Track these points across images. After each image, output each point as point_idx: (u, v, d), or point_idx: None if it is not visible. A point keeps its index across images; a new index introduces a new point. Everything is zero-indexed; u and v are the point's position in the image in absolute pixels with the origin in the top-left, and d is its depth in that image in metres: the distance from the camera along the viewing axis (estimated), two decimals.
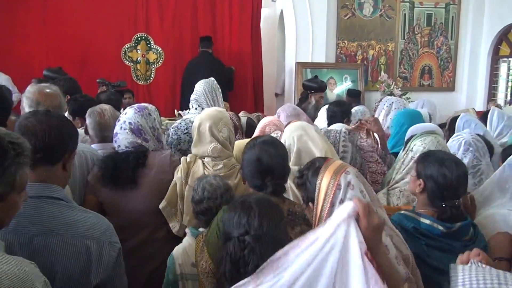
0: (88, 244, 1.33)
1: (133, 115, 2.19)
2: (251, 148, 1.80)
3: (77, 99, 3.06)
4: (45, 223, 1.31)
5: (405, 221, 1.77)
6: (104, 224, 1.43)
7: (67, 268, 1.29)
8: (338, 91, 6.58)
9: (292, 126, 2.26)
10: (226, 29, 6.68)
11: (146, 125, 2.22)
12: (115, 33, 6.37)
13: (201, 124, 2.24)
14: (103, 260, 1.35)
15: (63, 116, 1.60)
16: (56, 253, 1.29)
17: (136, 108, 2.25)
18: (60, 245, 1.30)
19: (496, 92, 6.86)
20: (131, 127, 2.17)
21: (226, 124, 2.26)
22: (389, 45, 6.78)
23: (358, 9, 6.60)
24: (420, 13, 6.80)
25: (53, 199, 1.37)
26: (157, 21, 6.48)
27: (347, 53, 6.68)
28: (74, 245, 1.31)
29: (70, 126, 1.51)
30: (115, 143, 2.18)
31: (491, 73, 6.83)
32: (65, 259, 1.29)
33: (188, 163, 2.21)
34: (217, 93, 3.19)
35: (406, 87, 6.75)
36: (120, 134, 2.16)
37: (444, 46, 6.91)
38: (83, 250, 1.32)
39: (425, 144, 2.29)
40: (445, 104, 6.09)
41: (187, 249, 1.90)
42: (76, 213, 1.38)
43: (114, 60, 6.43)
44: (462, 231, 1.73)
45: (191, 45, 6.49)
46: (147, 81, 6.62)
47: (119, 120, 2.22)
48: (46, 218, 1.32)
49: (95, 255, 1.34)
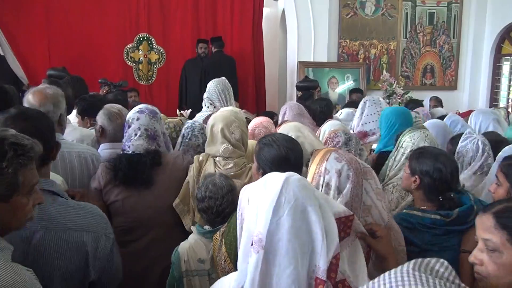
0: (84, 237, 1.35)
1: (149, 121, 2.19)
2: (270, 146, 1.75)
3: (85, 98, 3.04)
4: (46, 219, 1.33)
5: (410, 219, 1.80)
6: (98, 216, 1.45)
7: (66, 263, 1.31)
8: (340, 90, 6.58)
9: (287, 126, 2.29)
10: (228, 28, 6.69)
11: (159, 131, 2.25)
12: (117, 33, 6.40)
13: (214, 125, 2.28)
14: (98, 253, 1.37)
15: (43, 113, 1.62)
16: (55, 249, 1.31)
17: (149, 113, 2.22)
18: (58, 241, 1.31)
19: (499, 91, 6.84)
20: (148, 134, 2.17)
21: (239, 126, 2.28)
22: (391, 44, 6.77)
23: (360, 8, 6.60)
24: (422, 11, 6.79)
25: (53, 193, 1.39)
26: (159, 21, 6.50)
27: (349, 52, 6.68)
28: (71, 239, 1.33)
29: (51, 120, 1.56)
30: (128, 147, 2.15)
31: (494, 71, 6.81)
32: (63, 254, 1.31)
33: (200, 162, 2.26)
34: (229, 91, 3.29)
35: (408, 86, 6.74)
36: (136, 140, 2.14)
37: (446, 45, 6.90)
38: (80, 244, 1.34)
39: (414, 140, 2.32)
40: (448, 102, 6.08)
41: (193, 246, 1.92)
42: (71, 207, 1.40)
43: (116, 61, 6.45)
44: (464, 215, 1.75)
45: (192, 45, 6.51)
46: (149, 81, 6.64)
47: (131, 125, 2.18)
48: (48, 214, 1.34)
49: (91, 249, 1.35)
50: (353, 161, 1.46)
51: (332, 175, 1.42)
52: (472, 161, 2.37)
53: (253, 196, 1.12)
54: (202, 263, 1.87)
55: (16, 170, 1.11)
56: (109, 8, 6.31)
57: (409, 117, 3.02)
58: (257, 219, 1.06)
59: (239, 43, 6.73)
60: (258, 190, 1.12)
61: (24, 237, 1.29)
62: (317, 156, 1.50)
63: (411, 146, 2.29)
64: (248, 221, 1.10)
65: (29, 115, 1.50)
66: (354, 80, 6.60)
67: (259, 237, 1.03)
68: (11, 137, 1.13)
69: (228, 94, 3.27)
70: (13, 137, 1.14)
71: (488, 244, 1.21)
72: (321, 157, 1.48)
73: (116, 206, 2.12)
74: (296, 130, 2.21)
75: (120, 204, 2.12)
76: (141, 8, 6.41)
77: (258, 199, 1.09)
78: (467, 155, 2.39)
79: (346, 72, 6.62)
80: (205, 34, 6.59)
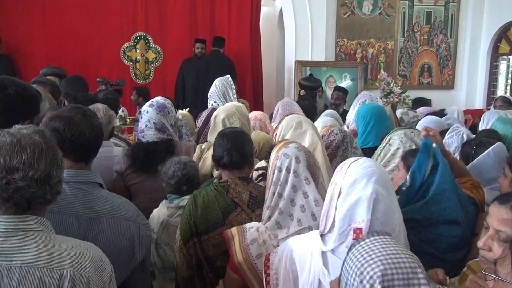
0: (129, 225, 1.44)
1: (156, 115, 2.39)
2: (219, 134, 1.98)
3: (76, 98, 3.03)
4: (97, 207, 1.42)
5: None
6: (135, 209, 1.53)
7: (118, 248, 1.39)
8: None
9: (289, 118, 2.48)
10: (225, 27, 6.68)
11: (167, 123, 2.43)
12: (114, 32, 6.37)
13: (217, 116, 2.53)
14: (142, 240, 1.46)
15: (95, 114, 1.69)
16: (110, 235, 1.40)
17: (157, 108, 2.42)
18: (110, 227, 1.40)
19: (496, 90, 6.85)
20: (156, 127, 2.38)
21: (239, 118, 2.50)
22: (389, 43, 6.78)
23: (358, 7, 6.60)
24: (420, 11, 6.79)
25: (98, 185, 1.49)
26: (156, 20, 6.48)
27: (346, 51, 6.68)
28: (119, 226, 1.42)
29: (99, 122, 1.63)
30: (142, 137, 2.40)
31: (491, 71, 6.83)
32: (117, 239, 1.40)
33: (202, 150, 2.49)
34: (229, 90, 3.35)
35: (406, 85, 6.75)
36: (147, 131, 2.38)
37: (444, 44, 6.91)
38: (126, 231, 1.43)
39: (402, 138, 2.40)
40: (445, 102, 6.09)
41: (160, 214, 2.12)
42: (114, 198, 1.51)
43: (113, 60, 6.43)
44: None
45: (190, 43, 6.49)
46: (146, 80, 6.62)
47: (142, 116, 2.42)
48: (97, 202, 1.43)
49: (135, 235, 1.45)
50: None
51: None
52: (456, 151, 2.45)
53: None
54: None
55: None
56: (106, 7, 6.28)
57: (384, 114, 3.10)
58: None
59: (237, 42, 6.72)
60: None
61: (87, 220, 1.38)
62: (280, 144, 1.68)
63: (398, 143, 2.38)
64: None
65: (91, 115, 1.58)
66: (352, 79, 6.60)
67: None
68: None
69: (226, 92, 3.34)
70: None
71: (501, 235, 1.24)
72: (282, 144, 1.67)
73: (135, 188, 2.37)
74: (296, 123, 2.40)
75: (139, 187, 2.36)
76: (138, 7, 6.39)
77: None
78: (452, 146, 2.49)
79: (343, 71, 6.62)
80: (202, 33, 6.58)
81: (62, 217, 1.35)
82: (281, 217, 1.56)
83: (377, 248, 0.98)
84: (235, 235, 1.57)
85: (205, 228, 1.71)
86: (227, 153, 1.79)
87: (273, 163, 1.61)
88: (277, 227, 1.56)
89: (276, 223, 1.56)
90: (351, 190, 1.23)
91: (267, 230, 1.56)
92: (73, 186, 1.42)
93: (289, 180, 1.56)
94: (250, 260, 1.51)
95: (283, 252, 1.37)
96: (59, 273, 1.04)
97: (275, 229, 1.56)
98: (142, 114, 2.44)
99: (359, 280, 0.94)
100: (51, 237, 1.12)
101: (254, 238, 1.54)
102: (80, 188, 1.42)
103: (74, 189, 1.41)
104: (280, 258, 1.37)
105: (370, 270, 0.93)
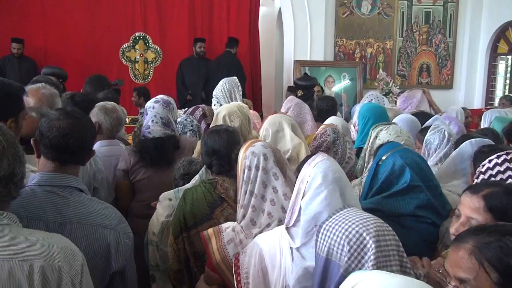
0: (105, 233, 1.39)
1: (162, 110, 2.47)
2: (204, 136, 2.02)
3: (74, 98, 3.03)
4: (70, 212, 1.38)
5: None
6: (117, 216, 1.49)
7: (91, 255, 1.34)
8: (336, 89, 6.59)
9: (271, 119, 2.55)
10: (224, 27, 6.69)
11: (171, 119, 2.52)
12: (113, 32, 6.39)
13: (219, 113, 2.67)
14: (120, 248, 1.42)
15: (88, 117, 1.66)
16: (81, 241, 1.35)
17: (163, 103, 2.50)
18: (83, 233, 1.36)
19: (494, 90, 6.86)
20: (163, 121, 2.46)
21: (239, 117, 2.61)
22: (388, 43, 6.79)
23: (356, 7, 6.61)
24: (418, 11, 6.80)
25: (77, 189, 1.44)
26: (155, 20, 6.49)
27: (345, 51, 6.69)
28: (95, 233, 1.38)
29: (93, 126, 1.59)
30: (148, 133, 2.43)
31: (489, 70, 6.84)
32: (88, 246, 1.36)
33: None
34: (235, 90, 3.43)
35: (405, 85, 6.75)
36: (153, 126, 2.44)
37: (442, 44, 6.92)
38: (100, 237, 1.39)
39: (390, 132, 2.43)
40: (444, 102, 6.08)
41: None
42: (93, 204, 1.46)
43: (112, 60, 6.44)
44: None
45: (189, 43, 6.50)
46: (145, 80, 6.63)
47: (148, 112, 2.47)
48: (71, 208, 1.39)
49: (113, 243, 1.40)
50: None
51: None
52: (438, 148, 2.49)
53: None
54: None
55: None
56: (105, 7, 6.29)
57: (383, 114, 3.11)
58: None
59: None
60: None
61: (57, 226, 1.35)
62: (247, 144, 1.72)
63: (387, 137, 2.40)
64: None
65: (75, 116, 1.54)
66: (351, 79, 6.61)
67: None
68: None
69: (232, 92, 3.41)
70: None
71: (473, 222, 1.32)
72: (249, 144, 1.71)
73: (142, 183, 2.45)
74: (277, 125, 2.49)
75: (146, 182, 2.44)
76: (137, 7, 6.40)
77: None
78: (433, 143, 2.52)
79: (342, 71, 6.63)
80: (201, 32, 6.59)
81: (29, 222, 1.31)
82: (255, 214, 1.60)
83: (352, 214, 1.09)
84: (212, 236, 1.61)
85: (193, 222, 1.79)
86: (216, 163, 1.86)
87: (242, 162, 1.64)
88: (251, 224, 1.60)
89: (251, 221, 1.60)
90: (314, 189, 1.25)
91: (243, 229, 1.60)
92: (47, 190, 1.37)
93: (258, 177, 1.60)
94: (227, 260, 1.55)
95: (252, 251, 1.40)
96: (29, 265, 1.04)
97: (250, 227, 1.59)
98: (147, 111, 2.49)
99: (347, 241, 1.02)
100: (19, 231, 1.11)
101: (230, 238, 1.58)
102: (54, 192, 1.38)
103: (48, 192, 1.37)
104: (249, 257, 1.39)
105: (357, 227, 1.04)
